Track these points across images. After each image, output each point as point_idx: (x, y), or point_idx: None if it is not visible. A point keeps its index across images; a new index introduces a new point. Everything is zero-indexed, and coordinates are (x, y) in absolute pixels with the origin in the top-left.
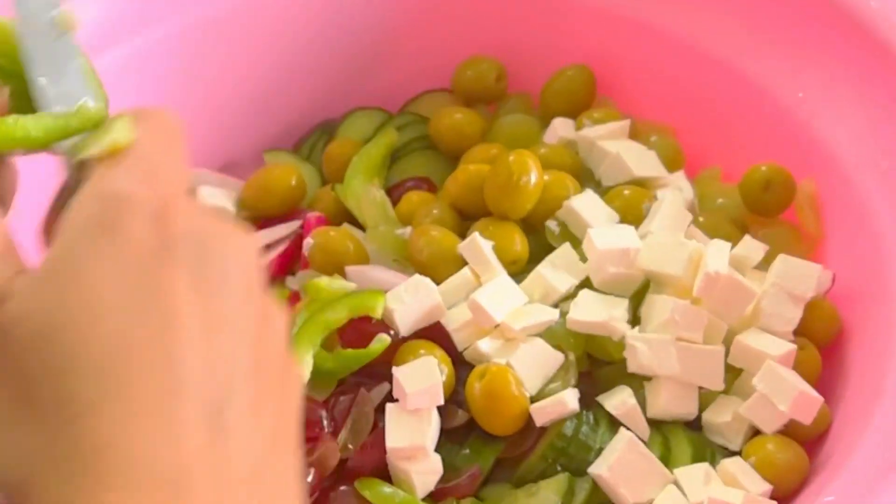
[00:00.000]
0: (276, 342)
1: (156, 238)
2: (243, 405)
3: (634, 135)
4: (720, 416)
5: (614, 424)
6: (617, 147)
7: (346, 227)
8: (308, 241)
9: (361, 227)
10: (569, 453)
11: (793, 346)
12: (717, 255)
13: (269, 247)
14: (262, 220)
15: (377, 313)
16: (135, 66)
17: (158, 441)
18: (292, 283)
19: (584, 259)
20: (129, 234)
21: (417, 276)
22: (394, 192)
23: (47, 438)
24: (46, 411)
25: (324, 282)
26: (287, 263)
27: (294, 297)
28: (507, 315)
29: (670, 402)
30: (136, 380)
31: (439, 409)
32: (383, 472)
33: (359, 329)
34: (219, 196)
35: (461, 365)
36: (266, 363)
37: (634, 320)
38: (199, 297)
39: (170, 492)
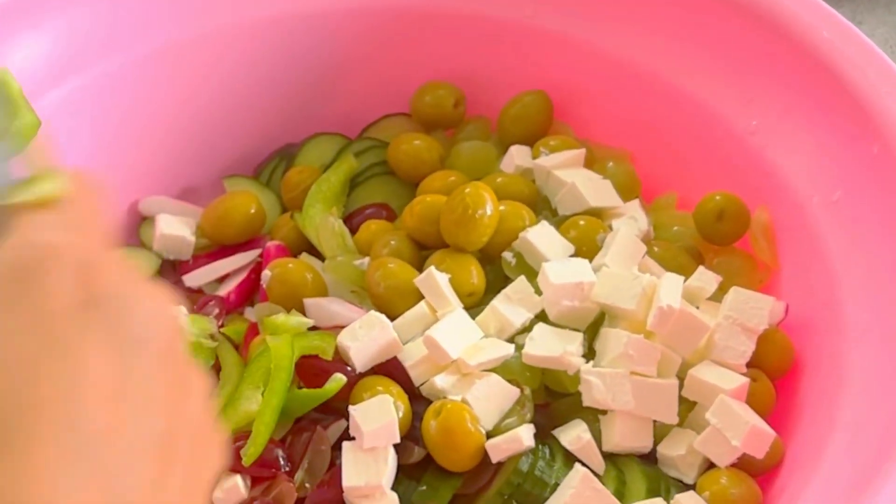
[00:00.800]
0: (191, 408)
1: (77, 293)
2: (146, 471)
3: (591, 161)
4: (675, 450)
5: (570, 458)
6: (573, 177)
7: (304, 256)
8: (266, 274)
9: (321, 256)
10: (525, 489)
11: (745, 380)
12: (670, 288)
13: (228, 276)
14: (221, 249)
15: (328, 356)
16: (94, 92)
17: (51, 500)
18: (251, 314)
19: (539, 292)
20: (47, 286)
21: (373, 313)
22: (353, 219)
23: None
24: None
25: (280, 319)
26: (246, 293)
27: (252, 329)
28: (463, 351)
29: (625, 436)
30: (34, 436)
31: (396, 445)
32: None
33: (315, 366)
34: (177, 224)
35: (418, 400)
36: (179, 430)
37: (590, 353)
38: (113, 360)
39: None
